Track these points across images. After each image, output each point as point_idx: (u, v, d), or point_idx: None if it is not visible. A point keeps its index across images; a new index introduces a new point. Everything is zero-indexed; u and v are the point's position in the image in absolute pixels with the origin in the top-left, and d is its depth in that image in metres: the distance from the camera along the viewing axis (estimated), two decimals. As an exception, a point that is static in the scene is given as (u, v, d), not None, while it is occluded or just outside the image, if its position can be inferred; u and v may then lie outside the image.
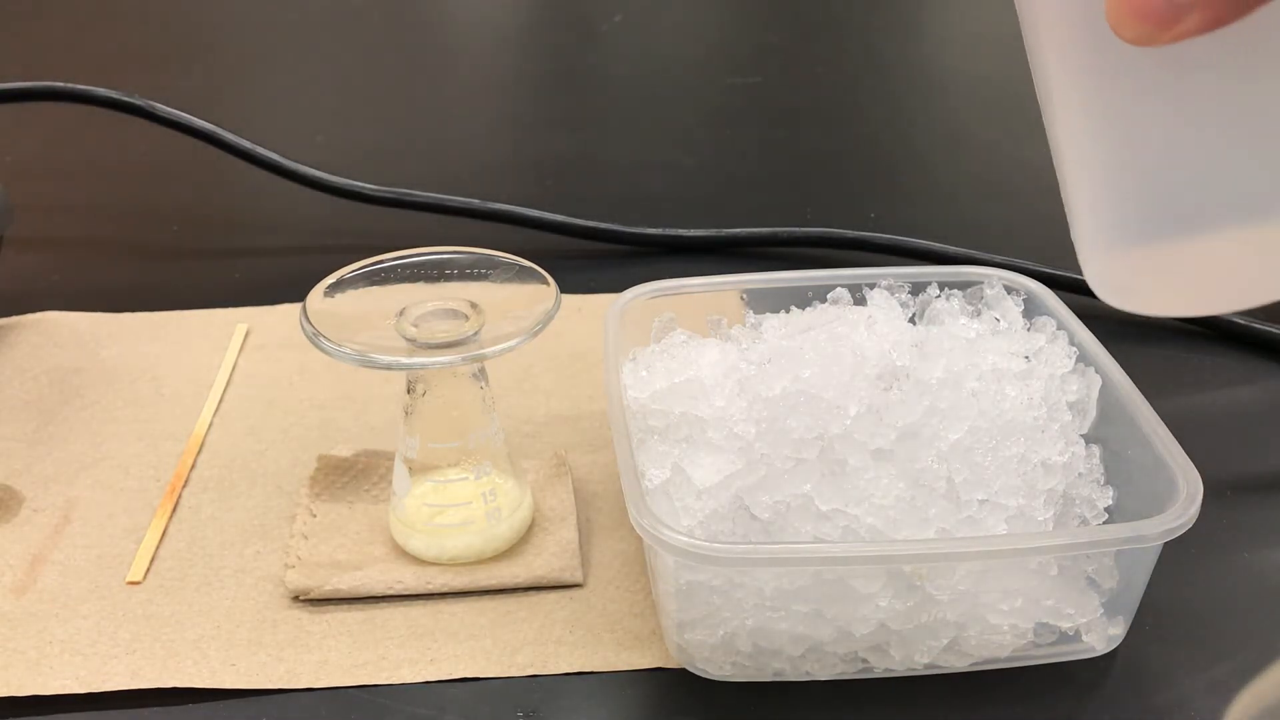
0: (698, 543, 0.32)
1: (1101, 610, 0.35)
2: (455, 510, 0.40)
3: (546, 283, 0.39)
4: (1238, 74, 0.25)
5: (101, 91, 0.62)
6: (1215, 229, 0.26)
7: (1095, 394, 0.39)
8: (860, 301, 0.42)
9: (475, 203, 0.62)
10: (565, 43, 1.02)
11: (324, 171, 0.62)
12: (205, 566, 0.40)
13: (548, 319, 0.38)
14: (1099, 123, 0.27)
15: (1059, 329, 0.41)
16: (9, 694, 0.35)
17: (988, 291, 0.43)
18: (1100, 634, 0.36)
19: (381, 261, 0.40)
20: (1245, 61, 0.25)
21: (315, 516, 0.42)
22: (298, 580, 0.39)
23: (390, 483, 0.41)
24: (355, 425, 0.48)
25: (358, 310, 0.38)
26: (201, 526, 0.42)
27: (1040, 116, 0.29)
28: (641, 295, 0.44)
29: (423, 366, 0.37)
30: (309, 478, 0.44)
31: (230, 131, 0.62)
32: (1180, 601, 0.39)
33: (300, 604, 0.39)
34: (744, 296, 0.46)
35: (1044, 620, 0.35)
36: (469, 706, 0.35)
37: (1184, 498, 0.33)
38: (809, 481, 0.35)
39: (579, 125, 0.83)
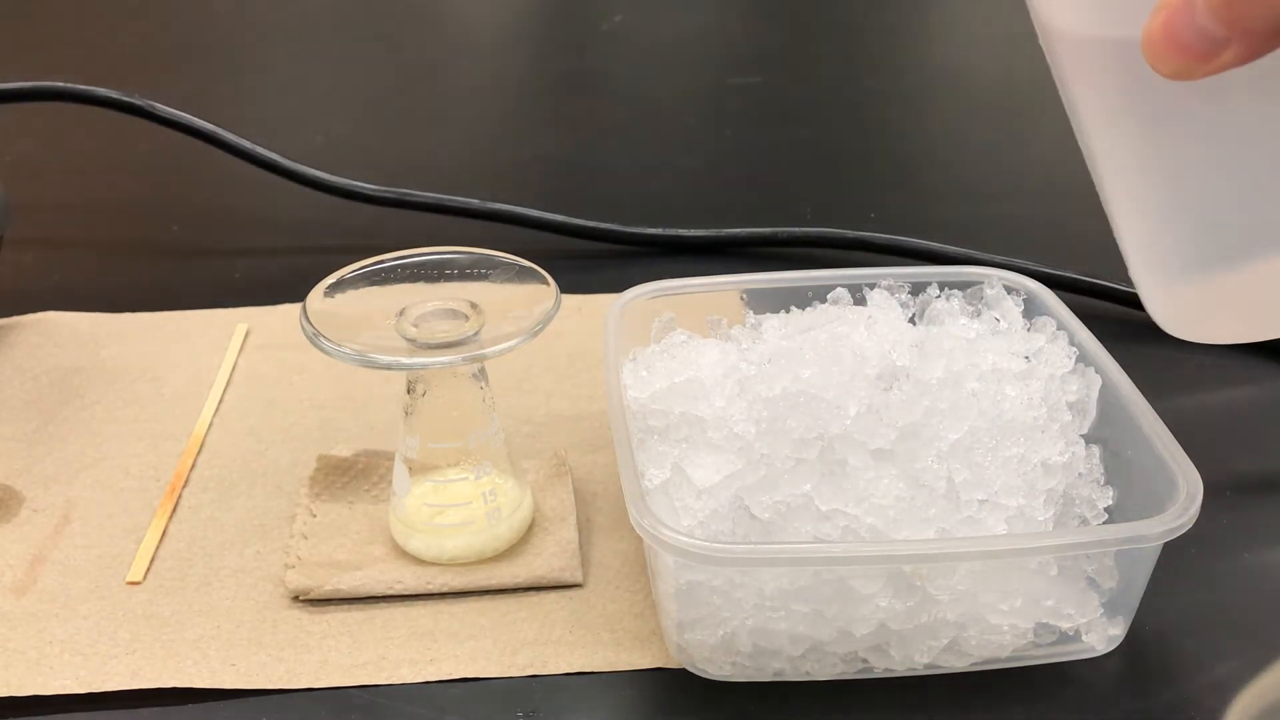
0: (698, 543, 0.32)
1: (1101, 610, 0.35)
2: (455, 510, 0.40)
3: (546, 283, 0.39)
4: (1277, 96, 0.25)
5: (101, 91, 0.62)
6: (1272, 253, 0.26)
7: (1095, 394, 0.39)
8: (860, 301, 0.42)
9: (475, 203, 0.62)
10: (565, 43, 1.02)
11: (324, 171, 0.62)
12: (205, 566, 0.40)
13: (548, 319, 0.38)
14: (1144, 158, 0.27)
15: (1059, 329, 0.41)
16: (9, 694, 0.35)
17: (988, 291, 0.43)
18: (1100, 634, 0.36)
19: (381, 261, 0.40)
20: None
21: (315, 516, 0.42)
22: (298, 580, 0.39)
23: (390, 483, 0.41)
24: (355, 425, 0.48)
25: (358, 310, 0.38)
26: (201, 526, 0.42)
27: (1041, 116, 0.29)
28: (641, 295, 0.44)
29: (423, 366, 0.37)
30: (309, 478, 0.44)
31: (230, 131, 0.62)
32: (1180, 601, 0.39)
33: (300, 604, 0.39)
34: (744, 296, 0.46)
35: (1044, 620, 0.35)
36: (469, 706, 0.35)
37: (1184, 498, 0.33)
38: (809, 481, 0.35)
39: (579, 125, 0.83)
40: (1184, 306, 0.29)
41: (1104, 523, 0.37)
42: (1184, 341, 0.31)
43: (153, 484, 0.44)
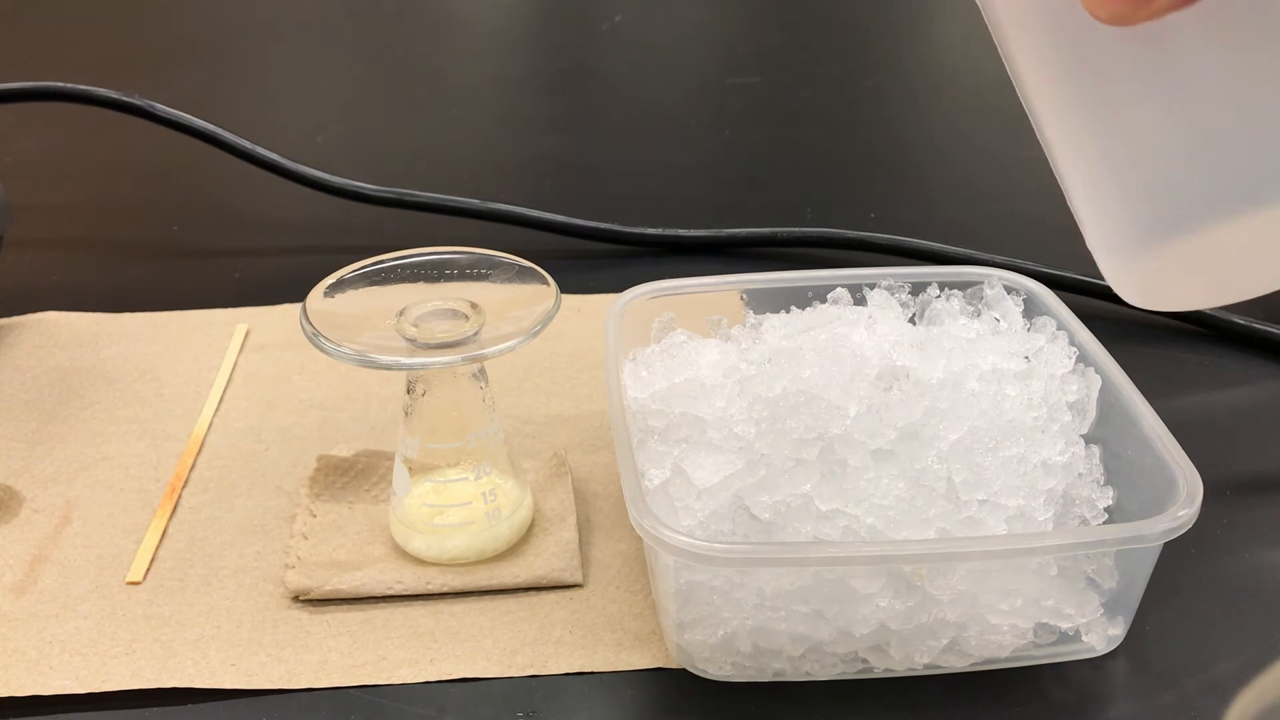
0: (698, 543, 0.32)
1: (1101, 610, 0.35)
2: (455, 510, 0.40)
3: (546, 283, 0.39)
4: (1221, 49, 0.25)
5: (101, 91, 0.62)
6: (1227, 215, 0.26)
7: (1095, 394, 0.39)
8: (860, 301, 0.42)
9: (475, 203, 0.62)
10: (565, 43, 1.02)
11: (324, 171, 0.62)
12: (205, 566, 0.40)
13: (548, 319, 0.38)
14: (1087, 119, 0.27)
15: (1059, 329, 0.41)
16: (9, 694, 0.35)
17: (988, 291, 0.43)
18: (1100, 634, 0.36)
19: (381, 261, 0.40)
20: (1227, 36, 0.24)
21: (315, 516, 0.42)
22: (298, 580, 0.39)
23: (390, 483, 0.41)
24: (355, 425, 0.48)
25: (358, 310, 0.38)
26: (201, 526, 0.42)
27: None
28: (641, 295, 0.44)
29: (423, 366, 0.37)
30: (309, 478, 0.44)
31: (230, 132, 0.63)
32: (1180, 601, 0.39)
33: (300, 604, 0.39)
34: (744, 296, 0.45)
35: (1044, 620, 0.35)
36: (469, 706, 0.35)
37: (1184, 498, 0.33)
38: (809, 481, 0.35)
39: (579, 125, 0.83)
40: (1142, 273, 0.28)
41: (1104, 523, 0.37)
42: (1184, 342, 0.31)
43: (153, 484, 0.44)
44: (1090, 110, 0.27)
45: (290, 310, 0.55)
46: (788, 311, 0.43)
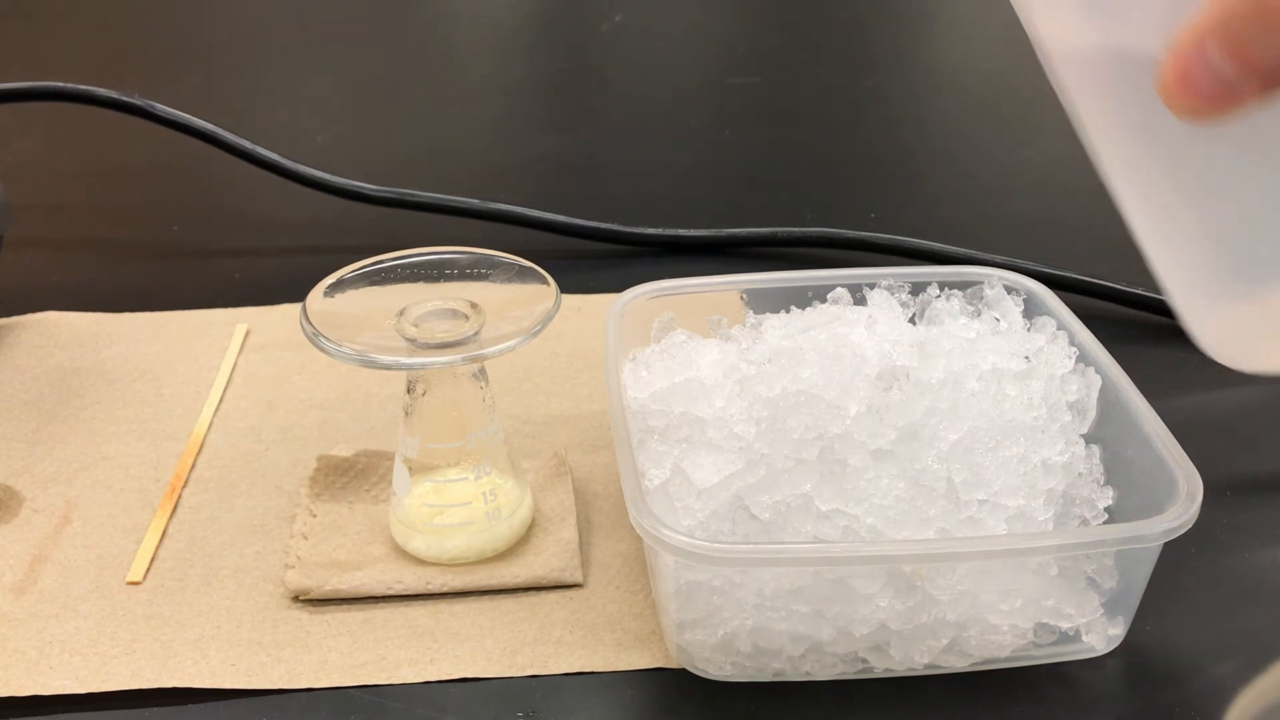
0: (698, 543, 0.32)
1: (1101, 610, 0.35)
2: (455, 510, 0.40)
3: (546, 283, 0.39)
4: None
5: (101, 91, 0.62)
6: None
7: (1095, 394, 0.39)
8: (860, 301, 0.42)
9: (475, 203, 0.62)
10: (565, 43, 1.02)
11: (324, 171, 0.62)
12: (205, 566, 0.40)
13: (548, 319, 0.38)
14: (1169, 173, 0.27)
15: (1059, 329, 0.41)
16: (9, 694, 0.35)
17: (988, 291, 0.43)
18: (1100, 634, 0.36)
19: (381, 261, 0.40)
20: None
21: (315, 516, 0.42)
22: (297, 580, 0.39)
23: (390, 483, 0.41)
24: (355, 425, 0.48)
25: (358, 310, 0.38)
26: (201, 526, 0.42)
27: (1041, 115, 0.29)
28: (641, 295, 0.44)
29: (423, 366, 0.37)
30: (309, 478, 0.44)
31: (230, 132, 0.63)
32: (1180, 601, 0.39)
33: (300, 604, 0.39)
34: (744, 296, 0.45)
35: (1044, 620, 0.35)
36: (469, 706, 0.35)
37: (1184, 498, 0.33)
38: (809, 481, 0.35)
39: (579, 125, 0.83)
40: (1234, 331, 0.28)
41: (1104, 523, 0.37)
42: (1184, 342, 0.30)
43: (153, 484, 0.44)
44: (1170, 161, 0.26)
45: (290, 310, 0.55)
46: (788, 311, 0.43)
